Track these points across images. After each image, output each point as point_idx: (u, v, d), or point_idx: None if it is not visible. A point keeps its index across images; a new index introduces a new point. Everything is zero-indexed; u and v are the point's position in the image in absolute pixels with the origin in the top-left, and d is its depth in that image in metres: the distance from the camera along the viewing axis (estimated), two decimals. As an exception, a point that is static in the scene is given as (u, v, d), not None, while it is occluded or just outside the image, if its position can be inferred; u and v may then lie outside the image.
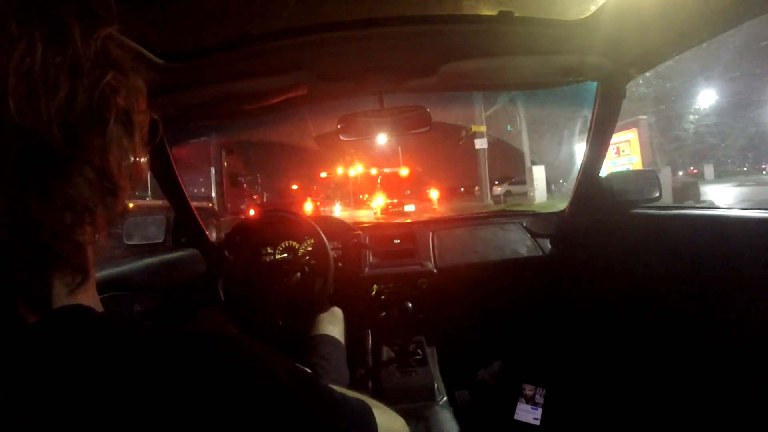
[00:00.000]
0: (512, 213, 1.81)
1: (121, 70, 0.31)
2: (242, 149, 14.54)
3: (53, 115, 0.26)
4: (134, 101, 0.33)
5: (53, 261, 0.28)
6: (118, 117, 0.31)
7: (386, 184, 15.32)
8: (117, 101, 0.31)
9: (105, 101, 0.29)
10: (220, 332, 0.33)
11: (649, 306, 1.00)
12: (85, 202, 0.28)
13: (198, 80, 1.01)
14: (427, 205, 13.89)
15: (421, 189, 15.14)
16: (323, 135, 14.11)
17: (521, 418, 1.06)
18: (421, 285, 1.39)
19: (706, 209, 0.94)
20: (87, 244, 0.30)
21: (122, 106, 0.31)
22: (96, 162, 0.29)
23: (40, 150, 0.26)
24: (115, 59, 0.31)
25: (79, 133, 0.28)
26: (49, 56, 0.26)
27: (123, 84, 0.31)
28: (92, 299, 0.33)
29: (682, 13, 0.81)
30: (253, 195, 15.33)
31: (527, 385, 1.14)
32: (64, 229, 0.28)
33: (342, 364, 1.05)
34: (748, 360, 0.73)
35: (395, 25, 0.92)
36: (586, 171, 1.33)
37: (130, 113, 0.32)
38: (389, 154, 16.25)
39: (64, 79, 0.26)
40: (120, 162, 0.32)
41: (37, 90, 0.25)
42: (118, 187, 0.31)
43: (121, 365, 0.27)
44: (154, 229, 1.32)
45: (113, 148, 0.30)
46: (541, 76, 1.13)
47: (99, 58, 0.29)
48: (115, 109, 0.30)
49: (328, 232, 1.23)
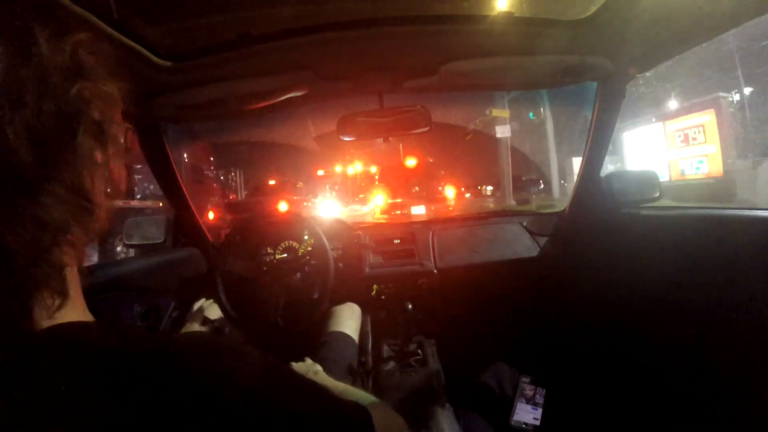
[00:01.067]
0: (512, 213, 1.81)
1: (93, 79, 0.29)
2: (232, 146, 13.85)
3: (19, 132, 0.24)
4: (108, 111, 0.31)
5: (31, 286, 0.26)
6: (90, 129, 0.29)
7: (388, 178, 11.40)
8: (88, 113, 0.29)
9: (75, 114, 0.27)
10: (204, 342, 0.31)
11: (649, 306, 1.00)
12: (58, 223, 0.27)
13: (198, 80, 1.01)
14: (441, 207, 10.46)
15: (433, 185, 11.00)
16: (323, 135, 12.85)
17: (521, 418, 1.06)
18: (421, 285, 1.39)
19: (706, 209, 0.94)
20: (66, 265, 0.29)
21: (94, 117, 0.29)
22: (67, 179, 0.27)
23: (6, 170, 0.24)
24: (87, 67, 0.29)
25: (48, 150, 0.26)
26: (13, 67, 0.24)
27: (95, 94, 0.29)
28: (76, 315, 0.31)
29: (682, 13, 0.81)
30: (228, 194, 13.64)
31: (527, 385, 1.13)
32: (40, 252, 0.26)
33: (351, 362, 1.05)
34: (749, 360, 0.73)
35: (395, 25, 0.92)
36: (586, 171, 1.33)
37: (103, 125, 0.30)
38: (391, 152, 12.31)
39: (30, 92, 0.25)
40: (94, 177, 0.30)
41: (1, 105, 0.23)
42: (93, 204, 0.30)
43: (88, 385, 0.25)
44: (154, 229, 1.32)
45: (86, 163, 0.29)
46: (541, 76, 1.13)
47: (68, 67, 0.27)
48: (87, 121, 0.28)
49: (328, 232, 1.23)
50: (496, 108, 8.90)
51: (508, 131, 9.30)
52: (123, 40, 0.78)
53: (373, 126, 1.21)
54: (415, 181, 11.18)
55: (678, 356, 0.91)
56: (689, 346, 0.87)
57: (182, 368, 0.28)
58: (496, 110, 9.00)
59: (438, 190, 10.82)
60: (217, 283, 1.13)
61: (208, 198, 12.37)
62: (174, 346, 0.31)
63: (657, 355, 0.98)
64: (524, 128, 10.37)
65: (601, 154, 1.31)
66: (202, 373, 0.28)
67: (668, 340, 0.94)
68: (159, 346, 0.30)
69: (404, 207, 9.57)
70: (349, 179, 14.68)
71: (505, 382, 1.16)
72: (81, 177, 0.28)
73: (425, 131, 1.22)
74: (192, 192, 1.39)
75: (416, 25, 0.92)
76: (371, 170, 13.64)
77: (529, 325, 1.42)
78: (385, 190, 10.48)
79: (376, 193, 10.46)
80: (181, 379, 0.27)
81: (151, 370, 0.27)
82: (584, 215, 1.37)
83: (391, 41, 0.97)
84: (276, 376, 0.33)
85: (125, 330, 0.31)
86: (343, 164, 15.02)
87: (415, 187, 10.90)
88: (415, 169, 10.98)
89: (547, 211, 1.66)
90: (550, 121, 9.45)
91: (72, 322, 0.28)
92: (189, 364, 0.28)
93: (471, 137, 11.22)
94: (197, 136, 9.62)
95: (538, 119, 9.83)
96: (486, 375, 1.19)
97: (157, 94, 1.03)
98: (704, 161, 7.42)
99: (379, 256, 1.46)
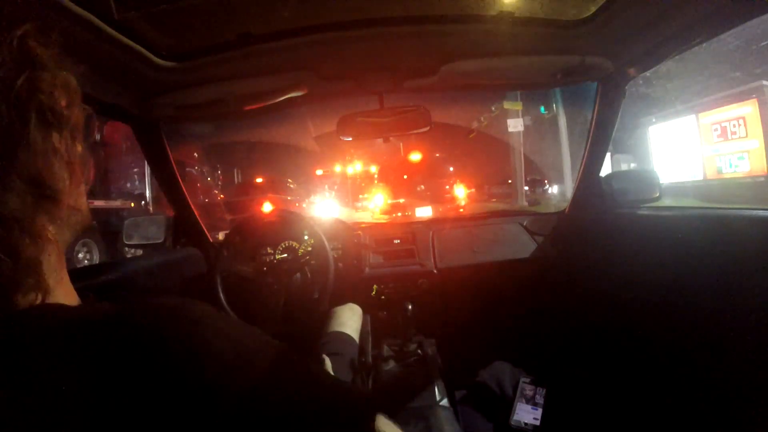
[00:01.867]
0: (512, 213, 1.81)
1: (42, 67, 0.29)
2: (230, 145, 13.45)
3: None
4: (60, 96, 0.30)
5: (6, 283, 0.26)
6: (44, 118, 0.28)
7: (389, 175, 9.63)
8: (41, 101, 0.28)
9: (25, 104, 0.27)
10: (183, 308, 0.29)
11: (649, 306, 1.00)
12: (16, 215, 0.26)
13: (198, 80, 1.01)
14: (449, 209, 8.50)
15: (441, 184, 9.22)
16: (323, 135, 12.50)
17: (521, 418, 1.06)
18: (421, 285, 1.39)
19: (706, 209, 0.94)
20: (39, 259, 0.28)
21: (49, 105, 0.29)
22: (23, 170, 0.27)
23: None
24: (36, 57, 0.28)
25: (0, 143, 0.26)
26: None
27: (44, 80, 0.29)
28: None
29: (682, 13, 0.81)
30: (215, 193, 13.36)
31: (527, 385, 1.13)
32: (4, 248, 0.26)
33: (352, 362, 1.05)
34: (749, 360, 0.73)
35: (395, 25, 0.92)
36: (586, 171, 1.33)
37: (59, 111, 0.30)
38: (391, 152, 11.00)
39: None
40: (53, 165, 0.29)
41: None
42: (55, 191, 0.29)
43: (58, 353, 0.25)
44: (154, 229, 1.32)
45: (41, 150, 0.28)
46: (541, 76, 1.13)
47: (15, 59, 0.27)
48: (36, 108, 0.28)
49: (328, 232, 1.23)
50: (507, 100, 7.97)
51: (521, 125, 8.21)
52: (123, 41, 0.78)
53: (373, 126, 1.21)
54: (420, 179, 9.21)
55: (678, 356, 0.91)
56: (689, 347, 0.87)
57: (151, 337, 0.27)
58: (507, 102, 8.06)
59: (445, 189, 9.06)
60: (216, 284, 1.13)
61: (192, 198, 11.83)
62: (144, 313, 0.29)
63: (657, 355, 0.98)
64: (535, 124, 9.13)
65: (602, 154, 1.31)
66: (171, 340, 0.27)
67: (668, 340, 0.94)
68: (127, 315, 0.29)
69: (407, 208, 8.24)
70: (349, 179, 14.31)
71: (505, 382, 1.16)
72: (37, 166, 0.28)
73: (425, 131, 1.22)
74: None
75: (416, 25, 0.92)
76: (371, 170, 12.49)
77: (529, 325, 1.43)
78: (386, 189, 9.02)
79: (375, 192, 9.16)
80: (149, 349, 0.26)
81: (117, 338, 0.26)
82: (584, 215, 1.37)
83: (391, 41, 0.97)
84: (263, 354, 0.31)
85: (101, 305, 0.31)
86: (342, 164, 14.49)
87: (420, 186, 9.06)
88: (419, 164, 9.36)
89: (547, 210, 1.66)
90: (563, 116, 8.16)
91: (48, 303, 0.28)
92: (158, 332, 0.27)
93: (475, 135, 10.03)
94: (195, 135, 9.42)
95: (550, 114, 8.57)
96: (486, 375, 1.19)
97: (157, 94, 1.03)
98: (745, 157, 6.46)
99: (379, 256, 1.46)
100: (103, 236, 5.09)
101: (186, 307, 0.30)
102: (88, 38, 0.72)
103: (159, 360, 0.26)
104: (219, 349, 0.28)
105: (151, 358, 0.26)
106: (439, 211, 7.65)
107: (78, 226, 0.33)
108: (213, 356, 0.27)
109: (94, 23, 0.69)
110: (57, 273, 0.30)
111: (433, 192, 8.94)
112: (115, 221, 5.57)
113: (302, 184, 13.30)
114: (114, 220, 5.52)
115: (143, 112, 1.09)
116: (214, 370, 0.26)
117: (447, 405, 1.04)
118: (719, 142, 6.72)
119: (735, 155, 6.63)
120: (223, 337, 0.29)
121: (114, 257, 5.02)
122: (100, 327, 0.27)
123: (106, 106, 1.01)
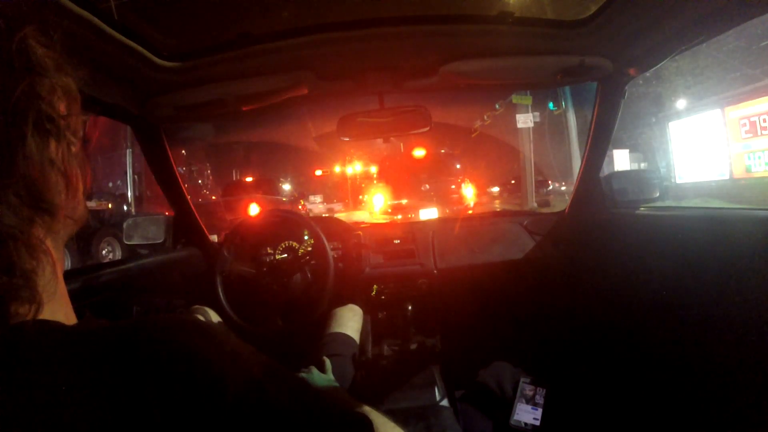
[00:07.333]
0: (512, 213, 1.82)
1: (43, 72, 0.28)
2: (228, 145, 13.19)
3: None
4: (61, 105, 0.29)
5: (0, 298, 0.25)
6: (42, 127, 0.27)
7: (390, 173, 8.49)
8: (40, 109, 0.27)
9: (23, 112, 0.26)
10: (181, 324, 0.29)
11: (649, 306, 1.00)
12: (10, 231, 0.25)
13: (198, 80, 1.01)
14: (458, 211, 7.35)
15: (447, 183, 8.17)
16: (323, 135, 12.33)
17: (521, 418, 1.06)
18: (421, 285, 1.39)
19: (706, 209, 0.94)
20: (34, 272, 0.27)
21: (47, 113, 0.27)
22: (19, 184, 0.26)
23: None
24: (37, 61, 0.27)
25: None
26: None
27: (44, 86, 0.28)
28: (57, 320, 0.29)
29: (682, 13, 0.81)
30: (203, 192, 12.50)
31: (527, 385, 1.14)
32: (3, 263, 0.25)
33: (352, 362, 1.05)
34: (749, 360, 0.73)
35: (395, 25, 0.92)
36: (586, 171, 1.33)
37: (58, 119, 0.28)
38: (392, 150, 10.35)
39: None
40: (49, 176, 0.28)
41: None
42: (51, 205, 0.28)
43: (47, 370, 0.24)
44: (154, 229, 1.32)
45: (37, 162, 0.27)
46: (541, 76, 1.13)
47: (16, 63, 0.26)
48: (34, 117, 0.26)
49: (328, 232, 1.23)
50: (516, 94, 7.35)
51: (531, 120, 7.51)
52: (123, 41, 0.78)
53: (373, 126, 1.21)
54: (425, 177, 8.17)
55: (678, 356, 0.91)
56: (689, 347, 0.87)
57: (148, 355, 0.27)
58: (516, 96, 7.43)
59: (452, 189, 8.09)
60: (216, 284, 1.13)
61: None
62: (138, 327, 0.29)
63: (657, 355, 0.98)
64: (544, 121, 8.22)
65: (602, 154, 1.31)
66: (167, 352, 0.27)
67: (668, 340, 0.94)
68: (121, 328, 0.28)
69: (410, 210, 7.23)
70: (349, 179, 14.12)
71: (505, 382, 1.16)
72: (34, 178, 0.27)
73: (426, 131, 1.23)
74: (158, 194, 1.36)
75: (416, 25, 0.93)
76: (371, 170, 11.98)
77: (529, 325, 1.43)
78: (386, 188, 8.09)
79: (375, 192, 8.22)
80: (147, 366, 0.26)
81: (112, 350, 0.26)
82: (584, 215, 1.37)
83: (391, 41, 0.97)
84: (259, 367, 0.31)
85: (96, 321, 0.30)
86: (342, 164, 14.25)
87: (425, 185, 8.12)
88: (423, 161, 8.28)
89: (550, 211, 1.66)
90: (572, 113, 7.44)
91: (43, 320, 0.27)
92: (153, 344, 0.27)
93: (478, 134, 9.28)
94: (194, 135, 9.25)
95: (559, 111, 7.73)
96: (486, 375, 1.19)
97: (158, 94, 1.03)
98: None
99: (379, 256, 1.46)
100: (76, 239, 4.92)
101: (184, 324, 0.29)
102: (89, 39, 0.72)
103: (156, 378, 0.25)
104: (218, 370, 0.27)
105: (149, 376, 0.25)
106: (446, 213, 6.90)
107: (72, 232, 0.32)
108: (211, 375, 0.27)
109: (94, 24, 0.69)
110: (52, 286, 0.29)
111: (438, 192, 7.99)
112: (93, 224, 5.32)
113: (301, 183, 12.97)
114: (92, 222, 5.24)
115: (144, 113, 1.09)
116: (210, 389, 0.26)
117: (447, 405, 1.04)
118: (748, 138, 6.11)
119: (767, 152, 6.06)
120: (224, 357, 0.29)
121: (85, 263, 4.84)
122: (98, 345, 0.26)
123: (107, 106, 1.01)
